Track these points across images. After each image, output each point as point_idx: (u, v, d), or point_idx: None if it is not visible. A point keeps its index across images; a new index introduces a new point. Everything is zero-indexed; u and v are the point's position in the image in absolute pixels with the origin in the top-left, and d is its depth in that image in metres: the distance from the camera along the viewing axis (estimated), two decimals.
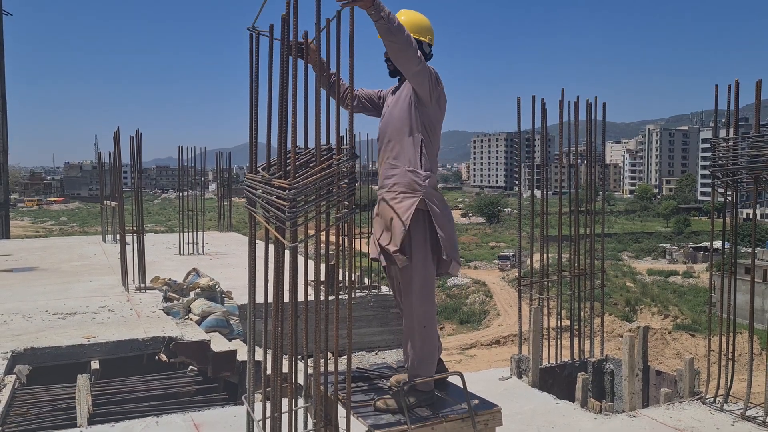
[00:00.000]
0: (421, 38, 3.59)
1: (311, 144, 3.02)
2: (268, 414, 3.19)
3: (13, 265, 12.74)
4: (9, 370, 6.02)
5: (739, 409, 5.30)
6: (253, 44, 3.12)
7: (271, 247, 3.10)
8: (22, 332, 7.08)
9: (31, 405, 5.49)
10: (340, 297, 3.16)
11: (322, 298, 3.07)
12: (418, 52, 3.35)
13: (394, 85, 3.77)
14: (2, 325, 7.46)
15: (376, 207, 3.64)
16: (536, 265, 7.06)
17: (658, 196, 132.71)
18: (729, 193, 5.52)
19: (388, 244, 3.40)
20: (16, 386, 5.79)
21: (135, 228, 10.12)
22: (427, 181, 3.46)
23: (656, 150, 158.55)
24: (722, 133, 5.63)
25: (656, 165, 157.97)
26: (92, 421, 5.22)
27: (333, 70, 3.03)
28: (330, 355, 3.33)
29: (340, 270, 3.25)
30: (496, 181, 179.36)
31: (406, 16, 3.60)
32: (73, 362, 6.52)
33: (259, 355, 4.84)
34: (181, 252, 14.24)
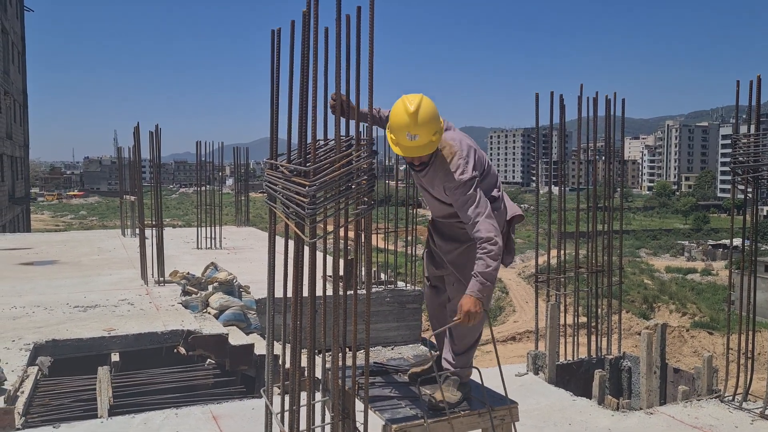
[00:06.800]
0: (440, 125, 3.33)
1: (330, 136, 3.05)
2: (287, 407, 3.23)
3: (35, 259, 12.92)
4: (31, 362, 6.12)
5: (758, 408, 5.26)
6: (275, 41, 3.14)
7: (290, 242, 3.13)
8: (44, 324, 7.19)
9: (52, 396, 5.58)
10: (358, 292, 3.18)
11: (341, 293, 3.09)
12: (496, 238, 3.15)
13: None
14: (24, 318, 7.58)
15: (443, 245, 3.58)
16: (553, 261, 7.04)
17: (677, 193, 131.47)
18: (749, 190, 5.47)
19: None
20: (38, 377, 5.88)
21: (154, 222, 10.22)
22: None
23: (675, 146, 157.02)
24: (743, 129, 5.58)
25: (675, 161, 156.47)
26: (113, 412, 5.29)
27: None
28: (348, 349, 3.36)
29: (358, 265, 3.27)
30: (513, 177, 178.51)
31: (425, 119, 3.17)
32: (94, 354, 6.61)
33: (277, 349, 4.88)
34: (199, 246, 14.35)
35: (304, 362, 3.21)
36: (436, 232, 3.68)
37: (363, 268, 3.54)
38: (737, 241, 5.88)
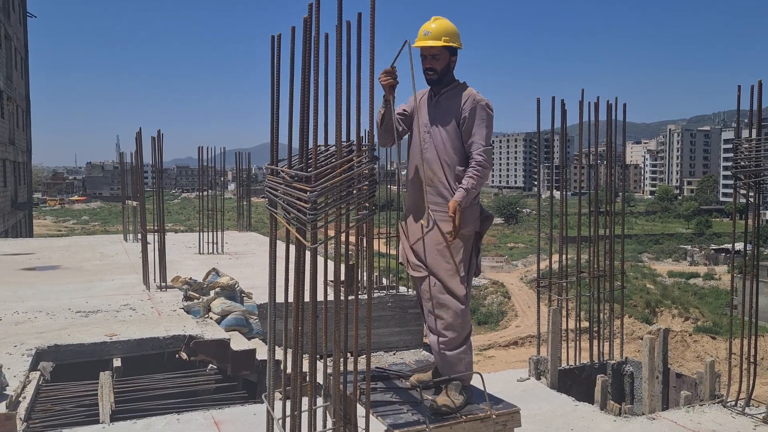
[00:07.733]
0: (458, 46, 3.71)
1: (330, 142, 3.06)
2: (288, 412, 3.23)
3: (37, 264, 12.93)
4: (33, 367, 6.12)
5: (760, 413, 5.24)
6: (275, 47, 3.15)
7: (292, 247, 3.14)
8: (46, 330, 7.20)
9: (54, 401, 5.58)
10: (360, 297, 3.18)
11: (342, 298, 3.09)
12: (490, 164, 3.66)
13: (424, 93, 3.84)
14: (26, 323, 7.59)
15: (425, 219, 3.70)
16: (555, 266, 7.03)
17: (679, 197, 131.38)
18: (751, 194, 5.47)
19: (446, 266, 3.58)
20: (40, 383, 5.88)
21: (156, 227, 10.23)
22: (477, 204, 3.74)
23: (677, 150, 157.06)
24: (745, 133, 5.57)
25: (677, 166, 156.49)
26: (114, 417, 5.29)
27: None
28: (349, 354, 3.36)
29: (359, 270, 3.27)
30: (515, 181, 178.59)
31: (440, 25, 3.68)
32: (96, 359, 6.61)
33: (278, 354, 4.88)
34: (201, 251, 14.35)
35: (305, 367, 3.21)
36: (413, 234, 3.74)
37: (364, 273, 3.55)
38: (739, 246, 5.87)
